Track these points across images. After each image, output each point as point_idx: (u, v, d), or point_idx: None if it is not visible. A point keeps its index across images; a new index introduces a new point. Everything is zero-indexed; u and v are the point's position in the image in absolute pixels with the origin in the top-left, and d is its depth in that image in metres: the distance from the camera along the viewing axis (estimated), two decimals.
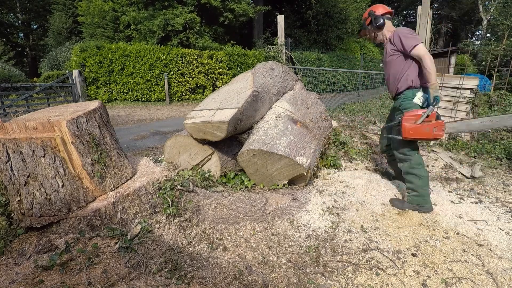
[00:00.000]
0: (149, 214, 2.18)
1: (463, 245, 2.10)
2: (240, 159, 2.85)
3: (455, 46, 14.99)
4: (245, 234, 2.13)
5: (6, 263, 1.73)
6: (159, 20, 14.01)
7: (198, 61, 13.17)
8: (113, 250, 1.83)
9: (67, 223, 1.95)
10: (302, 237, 2.14)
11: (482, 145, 4.72)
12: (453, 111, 5.13)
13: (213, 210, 2.39)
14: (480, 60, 17.02)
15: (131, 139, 5.66)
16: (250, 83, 3.06)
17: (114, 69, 12.12)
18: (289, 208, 2.54)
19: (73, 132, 1.92)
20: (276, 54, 6.54)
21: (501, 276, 1.80)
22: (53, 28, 22.10)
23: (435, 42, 28.08)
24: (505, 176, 3.62)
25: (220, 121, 2.64)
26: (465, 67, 12.28)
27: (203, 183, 2.80)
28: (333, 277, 1.76)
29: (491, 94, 6.31)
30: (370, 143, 4.62)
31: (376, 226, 2.32)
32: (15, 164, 1.84)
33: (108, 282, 1.57)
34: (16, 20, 26.46)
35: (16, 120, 1.97)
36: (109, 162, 2.15)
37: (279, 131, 2.95)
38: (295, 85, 4.00)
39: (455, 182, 3.37)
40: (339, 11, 20.43)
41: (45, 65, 20.08)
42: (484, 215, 2.56)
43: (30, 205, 1.89)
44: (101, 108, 2.23)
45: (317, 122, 3.46)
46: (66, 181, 1.94)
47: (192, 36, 14.68)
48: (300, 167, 2.75)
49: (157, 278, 1.65)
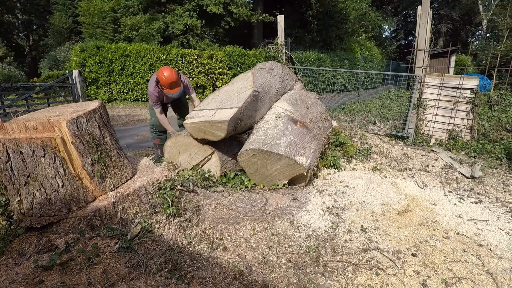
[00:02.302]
0: (149, 214, 2.18)
1: (463, 245, 2.10)
2: (240, 159, 2.85)
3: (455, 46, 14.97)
4: (245, 234, 2.13)
5: (6, 263, 1.73)
6: (158, 25, 13.99)
7: (198, 61, 13.16)
8: (113, 250, 1.83)
9: (67, 223, 1.95)
10: (302, 237, 2.14)
11: (482, 145, 4.72)
12: (453, 111, 5.13)
13: (213, 210, 2.39)
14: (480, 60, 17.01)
15: (131, 139, 5.66)
16: (250, 83, 3.06)
17: (114, 69, 12.11)
18: (289, 208, 2.54)
19: (73, 132, 1.92)
20: (276, 54, 6.54)
21: (501, 276, 1.80)
22: (53, 28, 22.08)
23: (435, 42, 28.08)
24: (505, 176, 3.62)
25: (220, 121, 2.64)
26: (465, 67, 12.26)
27: (203, 183, 2.80)
28: (333, 277, 1.76)
29: (491, 94, 6.31)
30: (370, 143, 4.62)
31: (376, 226, 2.32)
32: (15, 164, 1.84)
33: (108, 282, 1.57)
34: (16, 20, 26.45)
35: (16, 120, 1.97)
36: (109, 162, 2.15)
37: (279, 131, 2.95)
38: (294, 85, 4.00)
39: (455, 182, 3.37)
40: (339, 11, 20.41)
41: (45, 65, 20.07)
42: (484, 215, 2.56)
43: (30, 205, 1.89)
44: (101, 108, 2.23)
45: (317, 122, 3.46)
46: (66, 181, 1.94)
47: (192, 38, 14.67)
48: (300, 167, 2.75)
49: (157, 278, 1.65)
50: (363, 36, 25.16)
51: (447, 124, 5.18)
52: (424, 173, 3.63)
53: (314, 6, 18.74)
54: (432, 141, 5.17)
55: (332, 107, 7.91)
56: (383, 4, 34.85)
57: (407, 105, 5.69)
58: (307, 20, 19.67)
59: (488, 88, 8.78)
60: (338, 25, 20.87)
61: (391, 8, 36.09)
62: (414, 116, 5.22)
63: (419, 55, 5.14)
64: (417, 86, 5.18)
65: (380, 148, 4.54)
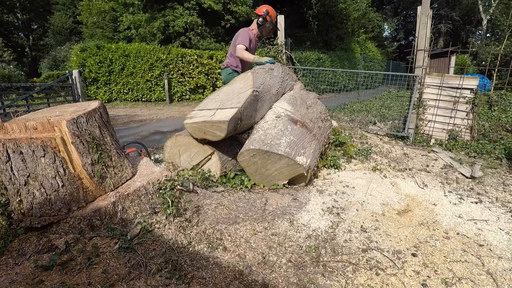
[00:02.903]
0: (149, 214, 2.18)
1: (463, 245, 2.10)
2: (240, 159, 2.85)
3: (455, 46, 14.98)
4: (245, 234, 2.13)
5: (6, 263, 1.73)
6: (158, 23, 13.98)
7: (198, 61, 13.17)
8: (113, 250, 1.83)
9: (67, 223, 1.95)
10: (302, 237, 2.14)
11: (482, 145, 4.72)
12: (453, 111, 5.13)
13: (213, 210, 2.39)
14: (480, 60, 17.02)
15: (131, 139, 5.66)
16: (250, 83, 3.06)
17: (114, 69, 12.12)
18: (289, 208, 2.54)
19: (73, 132, 1.92)
20: (276, 54, 6.53)
21: (501, 276, 1.80)
22: (53, 28, 22.10)
23: (435, 42, 28.09)
24: (505, 176, 3.63)
25: (220, 121, 2.64)
26: (465, 67, 12.27)
27: (203, 183, 2.80)
28: (333, 277, 1.76)
29: (491, 94, 6.32)
30: (370, 143, 4.62)
31: (376, 226, 2.32)
32: (15, 164, 1.84)
33: (108, 282, 1.57)
34: (16, 20, 26.45)
35: (16, 120, 1.97)
36: (109, 162, 2.15)
37: (279, 131, 2.95)
38: (294, 85, 4.00)
39: (455, 182, 3.37)
40: (339, 11, 20.41)
41: (45, 65, 20.09)
42: (484, 215, 2.56)
43: (30, 205, 1.89)
44: (101, 108, 2.23)
45: (317, 122, 3.46)
46: (66, 181, 1.94)
47: (193, 37, 14.67)
48: (300, 167, 2.75)
49: (157, 278, 1.65)
50: (363, 37, 25.18)
51: (447, 124, 5.18)
52: (424, 173, 3.63)
53: (314, 6, 18.74)
54: (432, 141, 5.17)
55: (332, 107, 7.91)
56: (383, 4, 34.86)
57: (407, 105, 5.69)
58: (307, 20, 19.67)
59: (488, 88, 8.78)
60: (338, 25, 20.88)
61: (391, 8, 36.09)
62: (414, 116, 5.22)
63: (419, 55, 5.14)
64: (417, 86, 5.18)
65: (380, 148, 4.54)
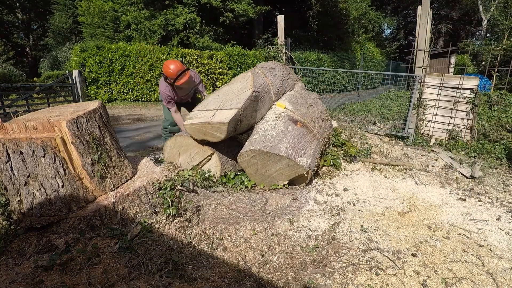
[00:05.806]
0: (149, 214, 2.18)
1: (463, 245, 2.10)
2: (240, 159, 2.85)
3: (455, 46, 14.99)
4: (245, 234, 2.13)
5: (6, 263, 1.73)
6: (159, 20, 13.99)
7: (198, 61, 13.16)
8: (113, 250, 1.83)
9: (67, 223, 1.95)
10: (302, 237, 2.14)
11: (482, 145, 4.72)
12: (453, 111, 5.13)
13: (213, 210, 2.39)
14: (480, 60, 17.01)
15: (131, 139, 5.66)
16: (250, 83, 3.05)
17: (114, 69, 12.11)
18: (289, 208, 2.54)
19: (73, 132, 1.92)
20: (276, 54, 6.54)
21: (501, 276, 1.80)
22: (53, 28, 22.10)
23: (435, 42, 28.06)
24: (505, 176, 3.63)
25: (219, 122, 2.63)
26: (465, 67, 12.27)
27: (203, 183, 2.80)
28: (333, 277, 1.76)
29: (491, 94, 6.32)
30: (370, 143, 4.62)
31: (376, 226, 2.32)
32: (15, 164, 1.84)
33: (108, 282, 1.57)
34: (16, 20, 26.44)
35: (16, 120, 1.97)
36: (109, 162, 2.15)
37: (280, 132, 2.95)
38: (295, 84, 3.99)
39: (455, 182, 3.37)
40: (339, 11, 20.40)
41: (45, 65, 20.10)
42: (484, 215, 2.55)
43: (30, 205, 1.89)
44: (101, 108, 2.23)
45: (317, 122, 3.46)
46: (66, 181, 1.94)
47: (192, 35, 14.66)
48: (300, 168, 2.75)
49: (157, 278, 1.65)
50: (363, 37, 25.18)
51: (447, 124, 5.18)
52: (424, 173, 3.63)
53: (314, 6, 18.73)
54: (432, 141, 5.17)
55: (332, 107, 7.91)
56: (383, 4, 34.85)
57: (407, 105, 5.69)
58: (307, 20, 19.66)
59: (488, 88, 8.78)
60: (338, 25, 20.88)
61: (391, 8, 36.09)
62: (414, 116, 5.22)
63: (419, 55, 5.14)
64: (417, 86, 5.18)
65: (380, 148, 4.54)
